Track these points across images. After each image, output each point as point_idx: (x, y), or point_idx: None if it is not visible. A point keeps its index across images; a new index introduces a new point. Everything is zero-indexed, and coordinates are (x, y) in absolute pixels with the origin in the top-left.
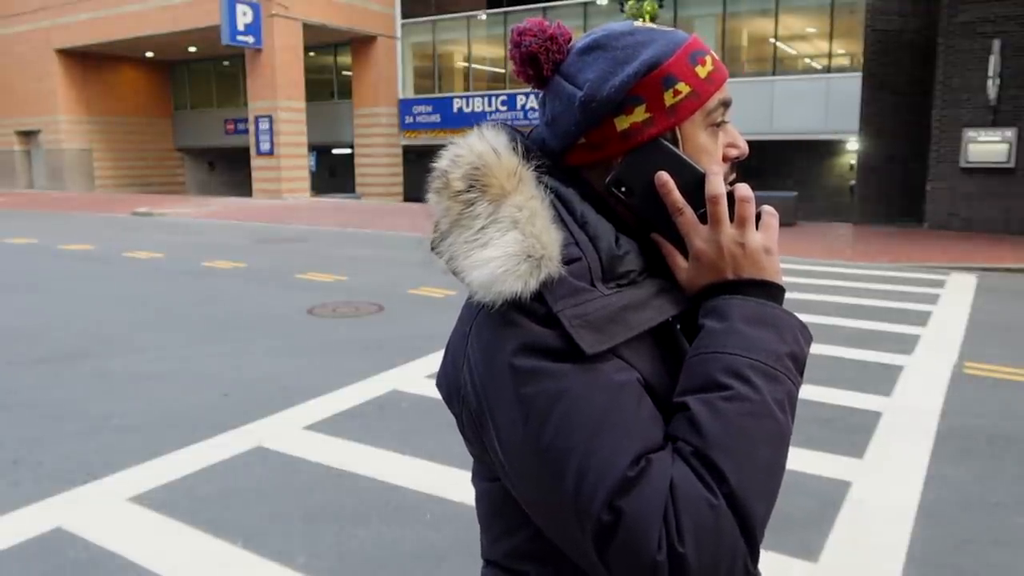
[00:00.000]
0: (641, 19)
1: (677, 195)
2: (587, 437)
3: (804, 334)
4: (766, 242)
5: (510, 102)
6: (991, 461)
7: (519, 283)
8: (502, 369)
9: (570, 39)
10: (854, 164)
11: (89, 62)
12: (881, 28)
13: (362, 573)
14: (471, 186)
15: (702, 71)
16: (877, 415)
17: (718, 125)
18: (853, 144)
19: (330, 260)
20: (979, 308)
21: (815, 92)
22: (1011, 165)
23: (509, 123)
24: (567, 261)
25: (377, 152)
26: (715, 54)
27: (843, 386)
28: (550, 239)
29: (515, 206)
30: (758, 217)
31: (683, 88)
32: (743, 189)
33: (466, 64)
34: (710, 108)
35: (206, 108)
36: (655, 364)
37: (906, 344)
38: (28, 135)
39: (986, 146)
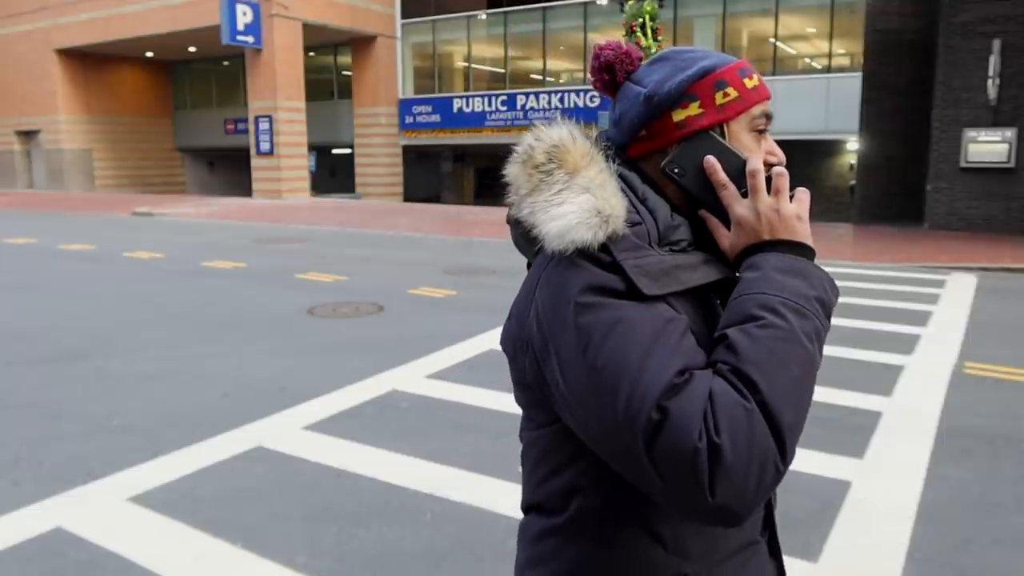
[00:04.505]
0: (641, 19)
1: (722, 173)
2: (639, 355)
3: (831, 285)
4: (799, 210)
5: (510, 102)
6: (991, 461)
7: (589, 233)
8: (567, 305)
9: (642, 57)
10: (854, 164)
11: (89, 62)
12: (881, 28)
13: (362, 573)
14: (551, 159)
15: (749, 83)
16: (877, 415)
17: (760, 132)
18: (853, 144)
19: (330, 260)
20: (979, 308)
21: (815, 92)
22: (1011, 165)
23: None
24: (630, 224)
25: (377, 152)
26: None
27: (843, 386)
28: (618, 202)
29: (587, 178)
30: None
31: (732, 92)
32: (779, 167)
33: (466, 64)
34: (754, 114)
35: (206, 108)
36: (697, 324)
37: (906, 344)
38: (28, 135)
39: (986, 146)
